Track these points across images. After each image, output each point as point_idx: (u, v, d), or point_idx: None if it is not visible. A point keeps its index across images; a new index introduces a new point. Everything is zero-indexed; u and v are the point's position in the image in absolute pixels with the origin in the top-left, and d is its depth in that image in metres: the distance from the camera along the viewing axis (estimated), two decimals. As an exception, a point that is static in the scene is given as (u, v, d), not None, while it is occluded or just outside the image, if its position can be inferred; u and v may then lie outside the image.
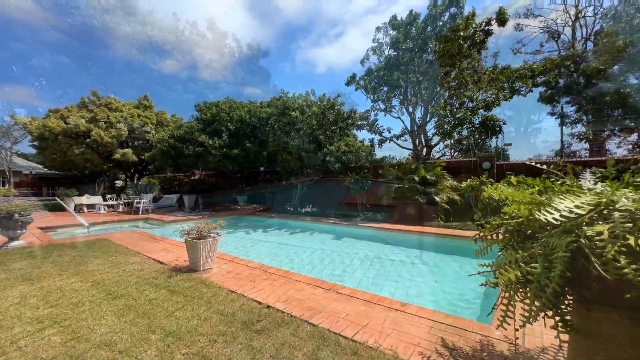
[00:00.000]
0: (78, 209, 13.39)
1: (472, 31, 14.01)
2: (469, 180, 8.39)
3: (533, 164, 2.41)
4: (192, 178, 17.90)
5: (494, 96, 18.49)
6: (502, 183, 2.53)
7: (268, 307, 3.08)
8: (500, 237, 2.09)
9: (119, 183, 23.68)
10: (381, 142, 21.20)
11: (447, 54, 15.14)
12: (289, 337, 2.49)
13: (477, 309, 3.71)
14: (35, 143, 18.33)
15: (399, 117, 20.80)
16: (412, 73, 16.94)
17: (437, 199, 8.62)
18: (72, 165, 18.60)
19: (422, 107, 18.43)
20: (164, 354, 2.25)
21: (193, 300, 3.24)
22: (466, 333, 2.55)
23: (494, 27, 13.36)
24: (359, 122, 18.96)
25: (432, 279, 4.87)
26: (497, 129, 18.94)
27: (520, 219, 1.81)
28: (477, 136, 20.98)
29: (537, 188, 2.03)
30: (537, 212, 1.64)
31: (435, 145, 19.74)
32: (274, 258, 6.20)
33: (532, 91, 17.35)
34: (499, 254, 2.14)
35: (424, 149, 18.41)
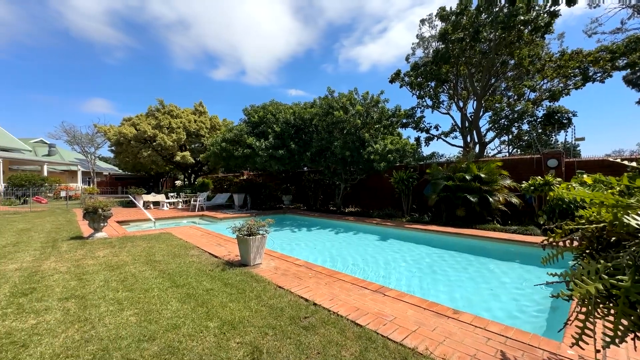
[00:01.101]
0: (146, 205, 15.09)
1: (534, 14, 12.60)
2: (530, 179, 7.59)
3: (612, 159, 2.08)
4: (241, 178, 19.00)
5: (561, 85, 16.40)
6: (574, 182, 2.24)
7: (314, 304, 3.14)
8: (575, 243, 1.85)
9: (178, 183, 26.10)
10: (428, 140, 20.19)
11: (504, 42, 13.85)
12: (335, 335, 2.51)
13: (542, 323, 3.34)
14: (113, 148, 21.13)
15: (447, 113, 19.60)
16: (463, 65, 15.81)
17: (491, 199, 7.94)
18: (141, 166, 21.04)
19: (474, 101, 17.10)
20: (221, 341, 2.42)
21: (244, 293, 3.43)
22: (531, 349, 2.30)
23: (562, 7, 11.85)
24: (404, 120, 18.30)
25: (487, 286, 4.51)
26: (565, 121, 16.77)
27: (602, 224, 1.58)
28: (540, 131, 18.80)
29: (618, 188, 1.76)
30: (625, 217, 1.41)
31: (490, 141, 18.19)
32: (318, 257, 6.30)
33: (611, 76, 15.04)
34: (573, 263, 1.90)
35: (477, 146, 17.07)
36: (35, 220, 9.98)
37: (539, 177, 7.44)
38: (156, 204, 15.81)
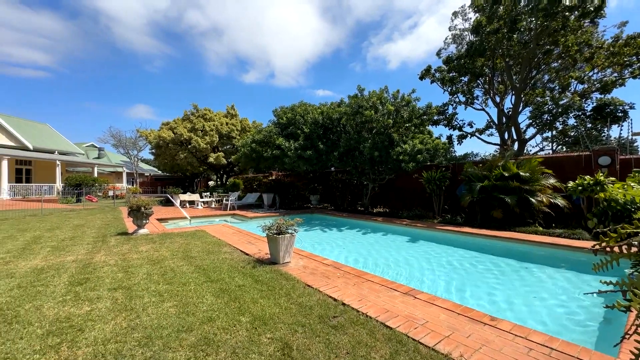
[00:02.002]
0: (182, 204, 15.99)
1: (581, -2, 11.55)
2: (577, 179, 6.96)
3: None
4: (270, 178, 19.47)
5: (615, 75, 14.85)
6: (631, 181, 2.02)
7: (343, 304, 3.14)
8: (633, 249, 1.67)
9: (211, 183, 27.34)
10: (461, 137, 19.28)
11: (546, 31, 12.86)
12: (364, 336, 2.49)
13: (593, 336, 3.06)
14: (153, 150, 22.65)
15: (483, 109, 18.57)
16: (500, 58, 14.88)
17: (533, 200, 7.41)
18: (178, 168, 22.34)
19: (513, 96, 16.03)
20: (252, 336, 2.51)
21: (274, 290, 3.52)
22: (580, 363, 2.12)
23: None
24: (436, 117, 17.64)
25: (528, 293, 4.21)
26: (620, 114, 15.16)
27: (667, 228, 1.42)
28: (589, 125, 17.17)
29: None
30: (695, 220, 1.25)
31: (531, 138, 16.97)
32: (346, 257, 6.27)
33: (676, 63, 13.34)
34: (631, 271, 1.72)
35: (515, 144, 15.99)
36: (88, 217, 10.99)
37: (588, 177, 6.80)
38: (191, 202, 16.69)
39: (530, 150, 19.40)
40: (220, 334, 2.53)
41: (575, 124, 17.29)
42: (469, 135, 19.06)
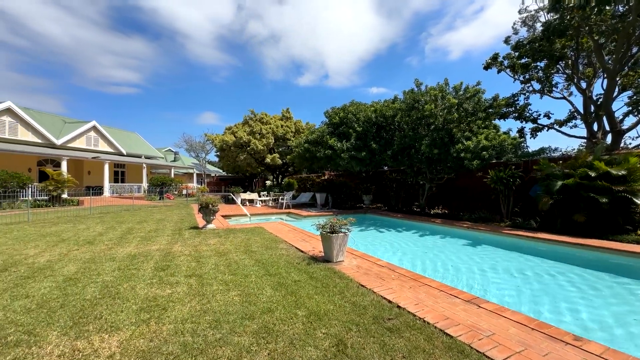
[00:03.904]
0: (242, 202, 17.27)
1: None
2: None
3: None
4: (322, 178, 19.82)
5: None
6: None
7: (398, 307, 3.05)
8: None
9: (268, 182, 28.96)
10: (535, 131, 17.00)
11: (652, -2, 10.61)
12: (422, 342, 2.39)
13: None
14: (218, 153, 24.93)
15: (564, 97, 16.08)
16: (587, 36, 12.70)
17: (637, 201, 6.18)
18: (239, 168, 24.21)
19: (604, 79, 13.53)
20: (308, 330, 2.61)
21: (328, 288, 3.59)
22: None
23: None
24: (504, 110, 15.90)
25: (625, 314, 3.54)
26: None
27: None
28: None
29: None
30: None
31: (630, 129, 14.17)
32: (401, 259, 6.07)
33: None
34: None
35: (608, 136, 13.48)
36: (167, 212, 12.62)
37: None
38: (250, 201, 17.92)
39: (630, 144, 16.15)
40: (279, 325, 2.69)
41: (697, 109, 13.82)
42: (546, 128, 16.68)
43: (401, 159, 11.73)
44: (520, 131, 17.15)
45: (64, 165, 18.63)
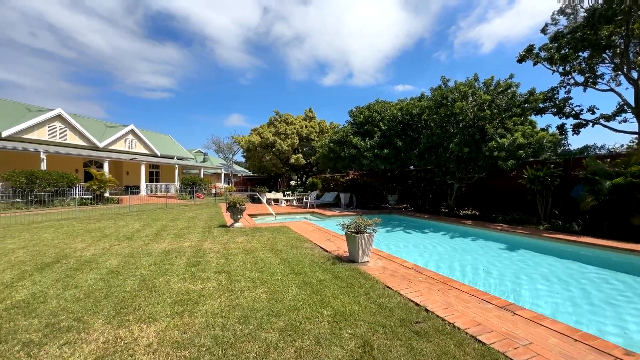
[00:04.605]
0: (268, 201, 17.64)
1: None
2: None
3: None
4: (346, 178, 19.73)
5: None
6: None
7: (426, 310, 2.97)
8: None
9: (292, 182, 29.35)
10: (577, 127, 15.73)
11: None
12: (452, 348, 2.31)
13: None
14: (244, 154, 25.66)
15: (611, 89, 14.74)
16: (639, 21, 11.54)
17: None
18: (264, 169, 24.76)
19: (660, 68, 12.22)
20: (334, 329, 2.61)
21: (353, 288, 3.57)
22: None
23: None
24: (541, 105, 14.90)
25: (689, 328, 3.18)
26: None
27: None
28: None
29: None
30: None
31: (692, 123, 12.72)
32: (428, 261, 5.89)
33: None
34: None
35: (665, 131, 12.14)
36: (197, 211, 13.20)
37: None
38: (275, 200, 18.26)
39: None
40: (305, 323, 2.71)
41: None
42: (590, 124, 15.38)
43: (428, 157, 11.38)
44: (561, 128, 15.98)
45: (105, 166, 20.12)
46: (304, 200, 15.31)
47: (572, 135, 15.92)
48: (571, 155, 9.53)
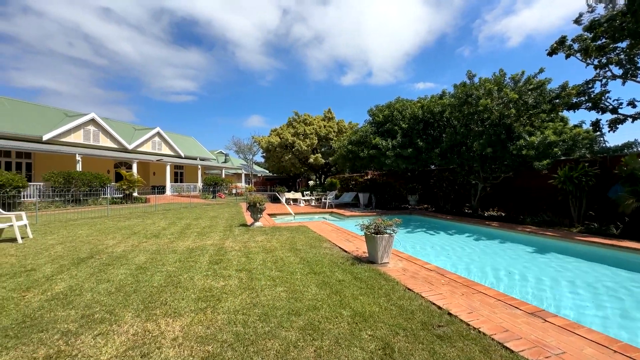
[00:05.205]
0: (287, 201, 17.82)
1: None
2: None
3: None
4: (365, 178, 19.53)
5: None
6: None
7: (449, 314, 2.88)
8: None
9: (311, 182, 29.48)
10: (615, 123, 14.66)
11: None
12: (477, 354, 2.22)
13: None
14: (264, 154, 26.09)
15: (653, 82, 13.60)
16: (687, 6, 10.54)
17: None
18: (283, 169, 25.05)
19: None
20: (353, 330, 2.59)
21: (373, 289, 3.53)
22: None
23: None
24: (574, 100, 14.05)
25: None
26: None
27: None
28: None
29: None
30: None
31: None
32: (452, 263, 5.70)
33: None
34: None
35: None
36: (219, 210, 13.58)
37: None
38: (294, 200, 18.42)
39: None
40: (324, 323, 2.71)
41: None
42: (630, 119, 14.29)
43: (450, 157, 11.04)
44: (595, 124, 14.97)
45: (134, 167, 21.16)
46: (323, 200, 15.32)
47: (608, 131, 14.87)
48: (608, 153, 8.89)
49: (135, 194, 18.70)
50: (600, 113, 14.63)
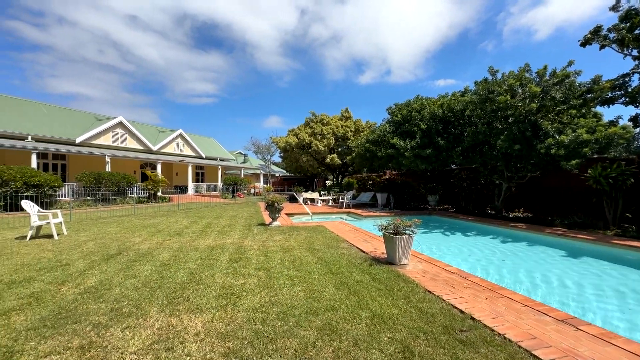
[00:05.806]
0: (304, 201, 17.91)
1: None
2: None
3: None
4: (383, 177, 19.27)
5: None
6: None
7: (472, 318, 2.78)
8: None
9: (328, 182, 29.48)
10: (656, 118, 13.59)
11: None
12: (502, 361, 2.13)
13: None
14: (281, 154, 26.38)
15: (701, 73, 12.48)
16: None
17: None
18: (301, 169, 25.20)
19: None
20: (372, 332, 2.56)
21: (392, 291, 3.47)
22: None
23: None
24: (609, 94, 13.21)
25: None
26: None
27: None
28: None
29: None
30: None
31: None
32: (474, 265, 5.51)
33: None
34: None
35: None
36: (238, 209, 13.87)
37: None
38: (312, 200, 18.49)
39: None
40: (342, 323, 2.70)
41: None
42: (673, 114, 13.19)
43: (472, 156, 10.68)
44: (635, 119, 13.96)
45: (158, 168, 22.04)
46: (340, 200, 15.28)
47: (649, 128, 13.80)
48: (648, 151, 8.27)
49: (159, 194, 19.47)
50: (638, 108, 13.63)
